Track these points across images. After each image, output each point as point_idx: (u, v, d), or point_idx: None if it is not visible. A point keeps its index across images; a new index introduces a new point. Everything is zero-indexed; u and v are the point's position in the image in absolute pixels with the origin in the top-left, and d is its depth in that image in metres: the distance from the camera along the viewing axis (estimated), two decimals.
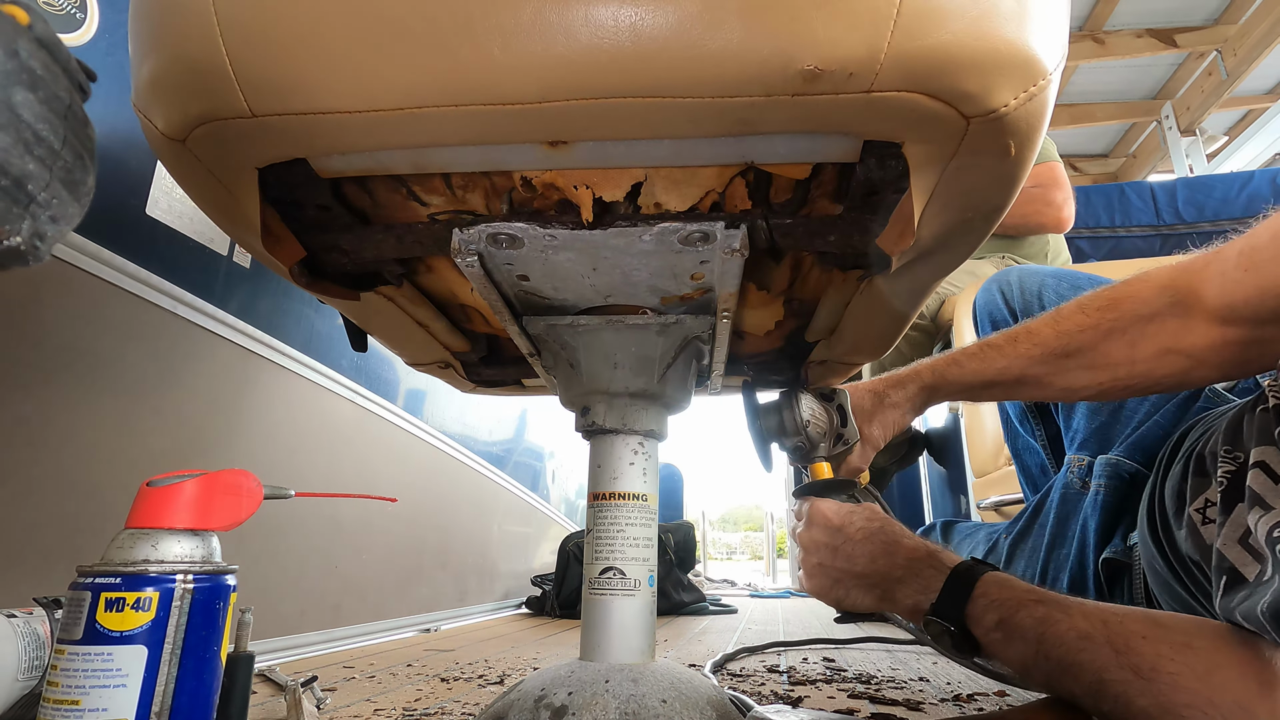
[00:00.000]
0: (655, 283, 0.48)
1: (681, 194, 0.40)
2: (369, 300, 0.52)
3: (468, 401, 1.85)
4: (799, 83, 0.29)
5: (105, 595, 0.33)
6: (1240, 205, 1.95)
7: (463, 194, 0.41)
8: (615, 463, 0.49)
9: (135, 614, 0.33)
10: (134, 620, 0.33)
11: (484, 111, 0.31)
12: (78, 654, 0.32)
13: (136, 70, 0.33)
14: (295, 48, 0.30)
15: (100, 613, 0.33)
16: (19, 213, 0.24)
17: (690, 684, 0.43)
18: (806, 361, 0.65)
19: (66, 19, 0.68)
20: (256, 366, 0.94)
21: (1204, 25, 3.09)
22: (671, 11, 0.28)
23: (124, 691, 0.32)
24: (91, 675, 0.32)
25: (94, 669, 0.32)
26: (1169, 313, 0.55)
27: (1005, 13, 0.29)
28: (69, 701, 0.32)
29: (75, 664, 0.32)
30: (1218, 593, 0.40)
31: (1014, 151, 0.33)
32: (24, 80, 0.24)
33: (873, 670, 0.83)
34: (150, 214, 0.77)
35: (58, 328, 0.65)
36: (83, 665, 0.32)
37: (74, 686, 0.32)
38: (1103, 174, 4.08)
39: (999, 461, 1.39)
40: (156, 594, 0.34)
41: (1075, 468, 0.79)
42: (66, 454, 0.66)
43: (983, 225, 0.40)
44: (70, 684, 0.32)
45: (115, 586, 0.33)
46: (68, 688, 0.32)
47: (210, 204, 0.40)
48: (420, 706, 0.61)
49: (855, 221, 0.42)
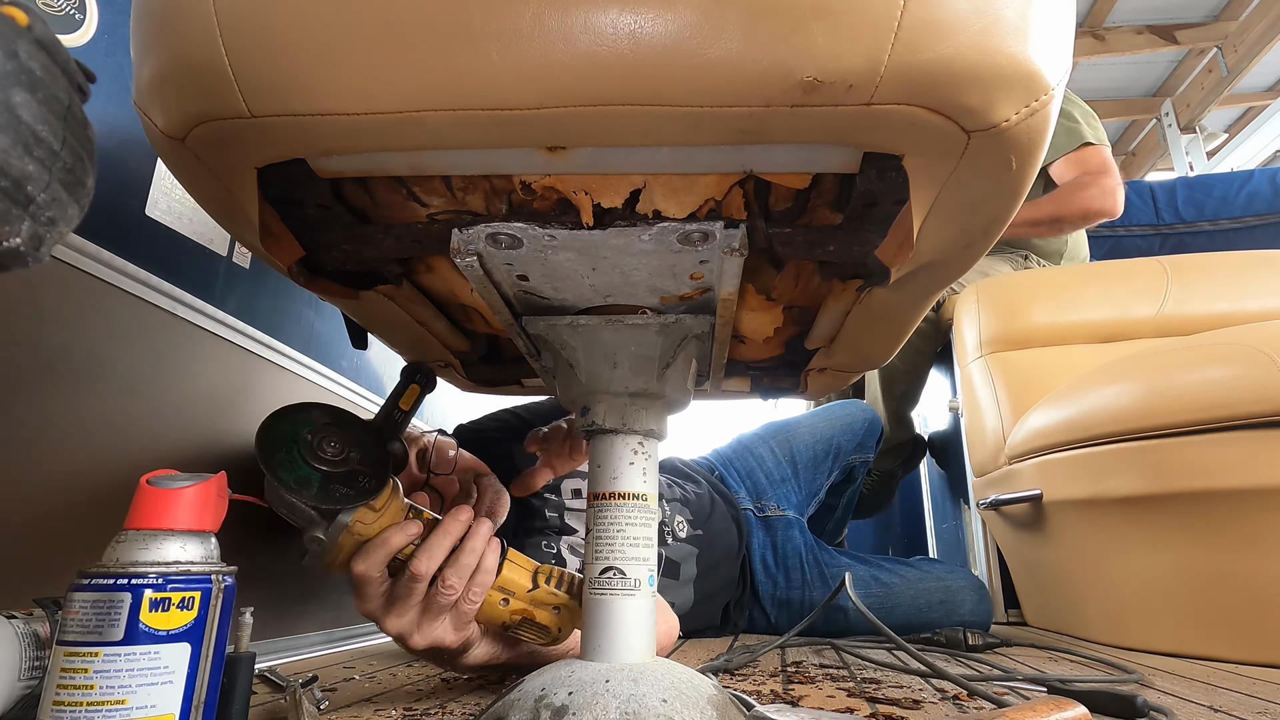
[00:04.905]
0: (654, 282, 0.48)
1: (680, 201, 0.40)
2: (369, 299, 0.52)
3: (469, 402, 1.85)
4: (798, 93, 0.29)
5: (149, 595, 0.35)
6: (1239, 204, 1.94)
7: (463, 195, 0.41)
8: (615, 462, 0.49)
9: (181, 613, 0.35)
10: (180, 619, 0.35)
11: (482, 116, 0.31)
12: (119, 654, 0.34)
13: (137, 69, 0.33)
14: (294, 50, 0.30)
15: (145, 613, 0.34)
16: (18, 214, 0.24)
17: (690, 683, 0.44)
18: (806, 369, 0.65)
19: (65, 20, 0.67)
20: (256, 367, 0.94)
21: (1204, 22, 3.08)
22: (671, 20, 0.28)
23: (170, 688, 0.34)
24: (138, 674, 0.34)
25: (140, 668, 0.34)
26: None
27: (1008, 27, 0.28)
28: (113, 701, 0.33)
29: (117, 664, 0.33)
30: None
31: (1015, 166, 0.33)
32: (23, 81, 0.24)
33: (872, 669, 0.83)
34: (150, 215, 0.77)
35: (57, 328, 0.65)
36: (126, 665, 0.34)
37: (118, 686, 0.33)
38: None
39: (999, 461, 1.40)
40: (198, 593, 0.36)
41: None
42: (64, 454, 0.66)
43: (982, 239, 0.40)
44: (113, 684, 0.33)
45: (159, 586, 0.35)
46: (109, 688, 0.33)
47: (210, 202, 0.40)
48: (420, 707, 0.61)
49: (854, 232, 0.42)
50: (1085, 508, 1.12)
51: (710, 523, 1.20)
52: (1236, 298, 1.49)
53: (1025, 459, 1.27)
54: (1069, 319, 1.57)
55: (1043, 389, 1.37)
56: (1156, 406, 0.98)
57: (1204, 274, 1.54)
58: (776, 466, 1.39)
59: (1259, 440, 0.88)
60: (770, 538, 1.28)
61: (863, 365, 0.63)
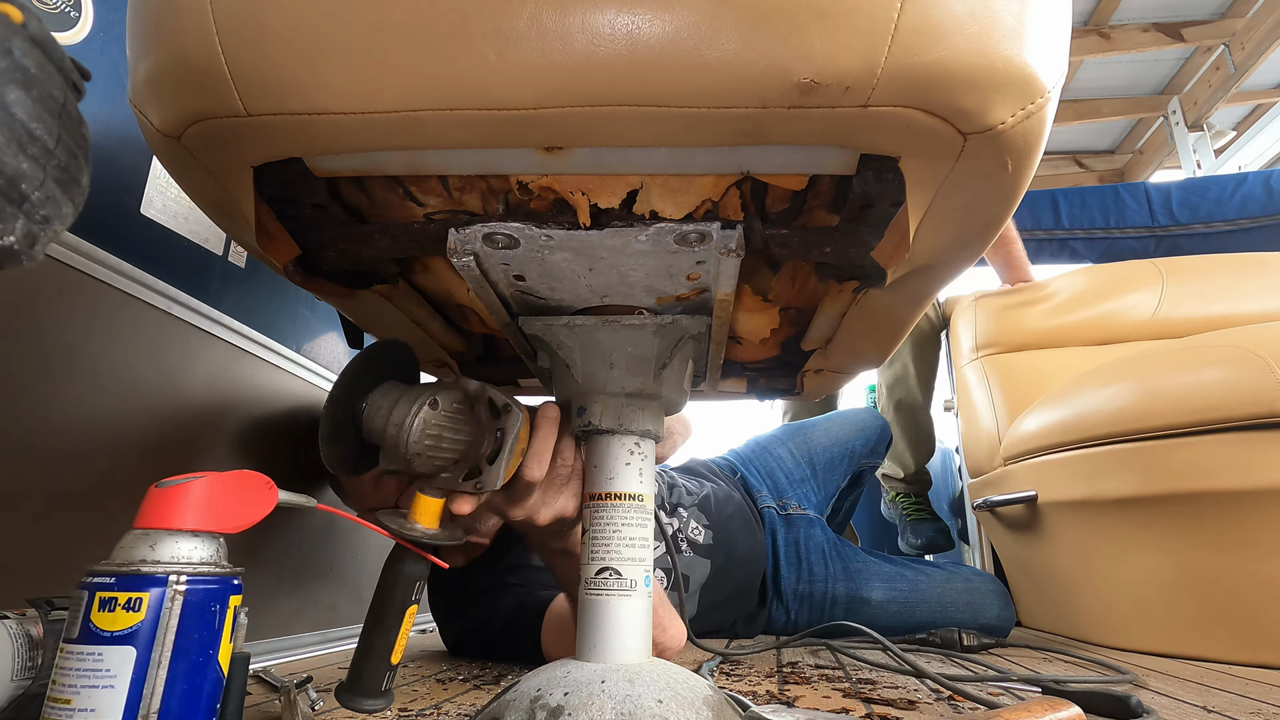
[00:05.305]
0: (651, 283, 0.48)
1: (677, 202, 0.40)
2: (365, 298, 0.52)
3: None
4: (795, 95, 0.29)
5: (99, 595, 0.33)
6: (1234, 207, 1.95)
7: (459, 195, 0.41)
8: (611, 463, 0.49)
9: (126, 614, 0.32)
10: (124, 620, 0.32)
11: (479, 116, 0.31)
12: (72, 653, 0.32)
13: (133, 67, 0.33)
14: (290, 49, 0.30)
15: (94, 612, 0.32)
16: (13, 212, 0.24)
17: (686, 684, 0.44)
18: (802, 370, 0.65)
19: (60, 17, 0.67)
20: (251, 365, 0.94)
21: (1211, 19, 3.06)
22: (669, 20, 0.28)
23: (111, 693, 0.32)
24: (83, 675, 0.32)
25: (85, 668, 0.32)
26: None
27: (1005, 30, 0.28)
28: (63, 700, 0.31)
29: (70, 663, 0.32)
30: None
31: (1011, 168, 0.33)
32: (18, 79, 0.24)
33: (868, 669, 0.83)
34: (145, 213, 0.76)
35: (52, 327, 0.64)
36: (76, 664, 0.32)
37: (67, 685, 0.32)
38: (1109, 170, 4.04)
39: (994, 462, 1.40)
40: (147, 595, 0.33)
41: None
42: (58, 453, 0.65)
43: (978, 241, 0.40)
44: (65, 683, 0.32)
45: (109, 586, 0.33)
46: (62, 686, 0.32)
47: (206, 201, 0.40)
48: (416, 708, 0.61)
49: (851, 233, 0.42)
50: (1080, 509, 1.12)
51: (729, 525, 1.19)
52: (1231, 300, 1.50)
53: (1020, 460, 1.27)
54: (1064, 321, 1.57)
55: (1038, 391, 1.37)
56: (1151, 408, 0.99)
57: (1199, 276, 1.55)
58: (796, 467, 1.40)
59: (1253, 442, 0.88)
60: (793, 535, 1.28)
61: (859, 366, 0.63)
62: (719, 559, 1.14)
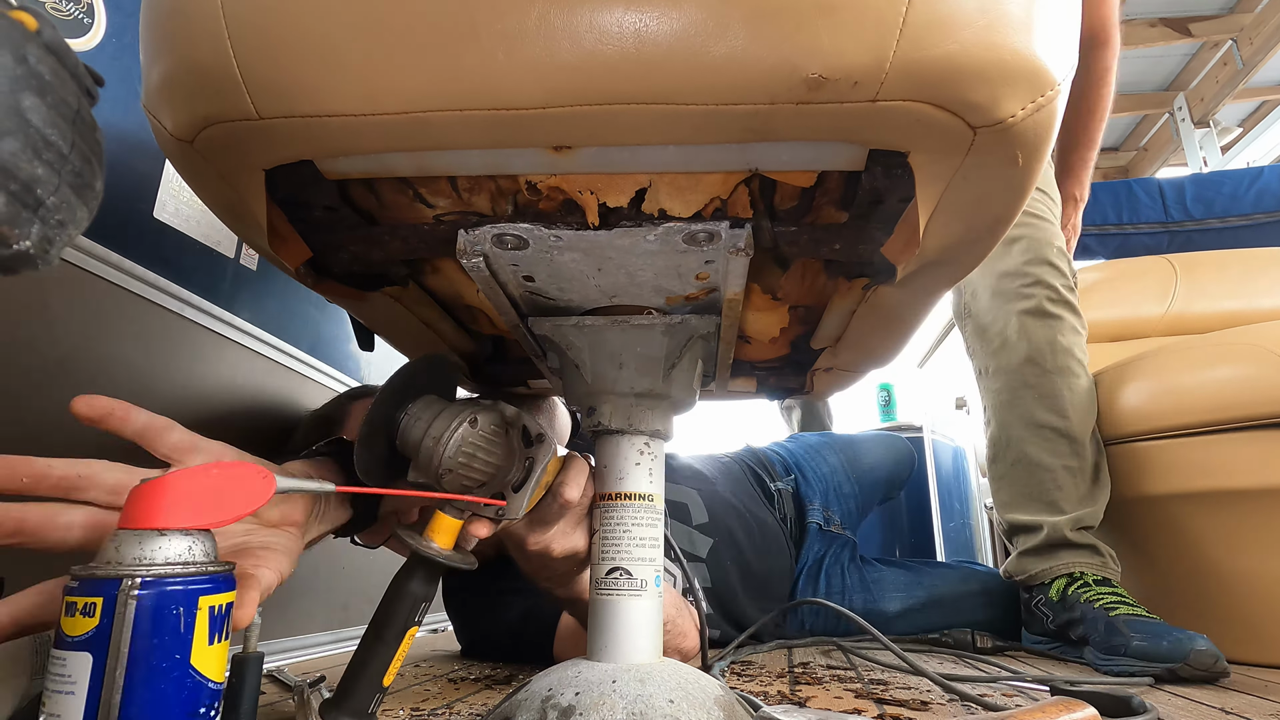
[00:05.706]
0: (660, 283, 0.48)
1: (685, 200, 0.40)
2: (375, 300, 0.52)
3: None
4: (803, 91, 0.29)
5: (67, 599, 0.32)
6: (1249, 201, 1.93)
7: (468, 196, 0.41)
8: (621, 463, 0.49)
9: (83, 619, 0.31)
10: (82, 626, 0.31)
11: (488, 116, 0.31)
12: (53, 658, 0.32)
13: (147, 72, 0.33)
14: (301, 52, 0.30)
15: (63, 617, 0.32)
16: (28, 217, 0.25)
17: (697, 684, 0.43)
18: (812, 369, 0.65)
19: (74, 24, 0.68)
20: (263, 368, 0.95)
21: (1218, 14, 3.01)
22: (676, 18, 0.28)
23: (73, 699, 0.31)
24: (53, 680, 0.31)
25: (54, 673, 0.31)
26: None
27: (1014, 23, 0.28)
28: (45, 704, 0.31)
29: (52, 668, 0.32)
30: None
31: (1021, 162, 0.33)
32: (32, 86, 0.24)
33: (879, 670, 0.82)
34: (158, 217, 0.77)
35: (65, 330, 0.65)
36: (52, 670, 0.32)
37: (48, 690, 0.31)
38: (1113, 168, 4.00)
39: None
40: (100, 600, 0.31)
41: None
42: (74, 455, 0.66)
43: (988, 236, 0.40)
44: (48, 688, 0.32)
45: (74, 590, 0.32)
46: (47, 691, 0.32)
47: (218, 204, 0.41)
48: (428, 707, 0.62)
49: (860, 230, 0.42)
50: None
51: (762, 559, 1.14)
52: (1246, 296, 1.48)
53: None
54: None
55: None
56: (1164, 407, 0.98)
57: (1213, 272, 1.53)
58: (846, 481, 1.35)
59: (1269, 441, 0.87)
60: (824, 551, 1.25)
61: (869, 364, 0.62)
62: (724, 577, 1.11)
